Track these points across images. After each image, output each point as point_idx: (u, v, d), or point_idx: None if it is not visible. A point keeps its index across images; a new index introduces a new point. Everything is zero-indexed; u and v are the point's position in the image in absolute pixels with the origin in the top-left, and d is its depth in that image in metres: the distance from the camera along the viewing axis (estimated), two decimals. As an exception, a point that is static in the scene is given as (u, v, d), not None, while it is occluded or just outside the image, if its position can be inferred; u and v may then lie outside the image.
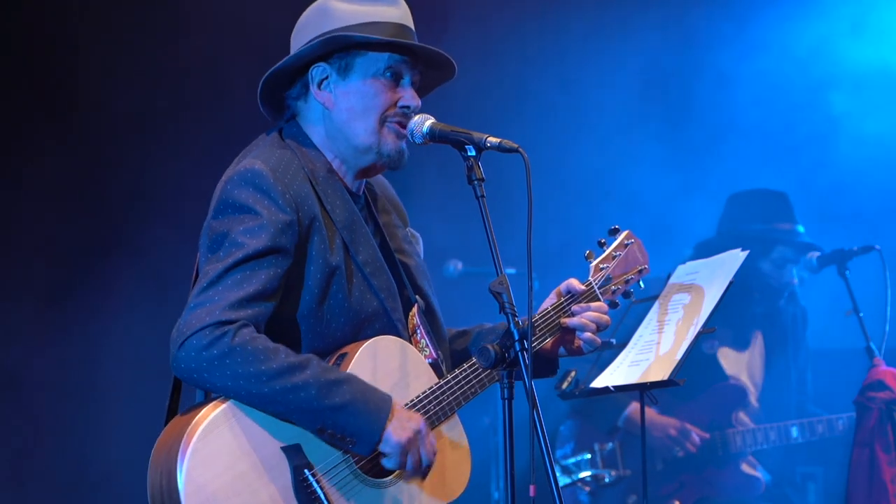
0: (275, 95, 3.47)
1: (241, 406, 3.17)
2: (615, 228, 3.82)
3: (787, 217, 6.45)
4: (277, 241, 3.22)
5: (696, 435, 6.11)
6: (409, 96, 3.40)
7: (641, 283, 3.81)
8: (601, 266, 3.74)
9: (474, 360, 3.45)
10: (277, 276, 3.22)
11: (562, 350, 3.64)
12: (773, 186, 6.60)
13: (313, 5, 3.46)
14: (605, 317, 3.61)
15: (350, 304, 3.33)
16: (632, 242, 3.81)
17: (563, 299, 3.63)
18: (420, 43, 3.42)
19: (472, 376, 3.45)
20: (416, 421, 3.28)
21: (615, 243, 3.80)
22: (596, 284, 3.70)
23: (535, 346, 3.54)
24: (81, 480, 6.26)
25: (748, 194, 6.57)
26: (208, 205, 3.34)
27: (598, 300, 3.68)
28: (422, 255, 3.65)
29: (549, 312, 3.60)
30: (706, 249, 6.32)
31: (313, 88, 3.41)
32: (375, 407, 3.22)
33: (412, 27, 3.44)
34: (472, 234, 3.86)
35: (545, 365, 3.68)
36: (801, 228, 6.45)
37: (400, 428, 3.23)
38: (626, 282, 3.77)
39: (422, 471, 3.30)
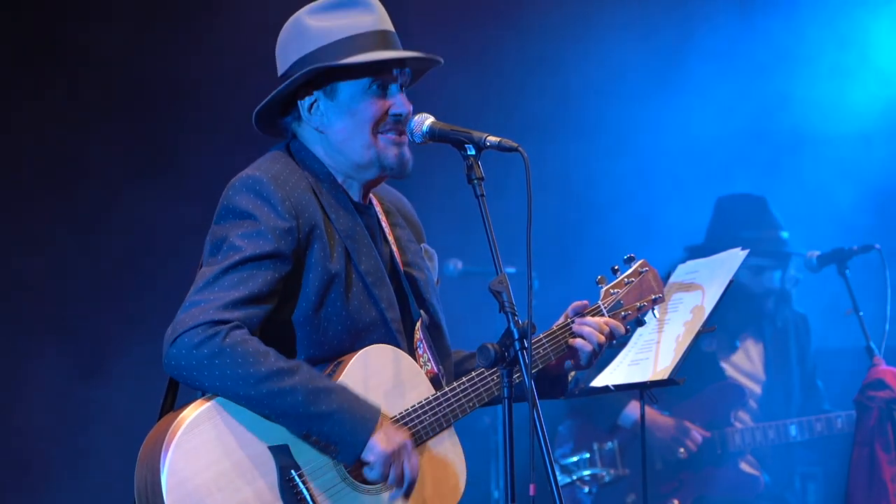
0: (271, 121, 3.47)
1: (229, 403, 3.17)
2: (630, 257, 3.77)
3: (764, 223, 6.40)
4: (275, 246, 3.22)
5: (696, 433, 6.11)
6: (398, 103, 3.39)
7: (656, 312, 3.77)
8: (612, 291, 3.70)
9: (474, 374, 3.44)
10: (274, 281, 3.22)
11: (567, 364, 3.61)
12: (764, 188, 6.58)
13: (289, 22, 3.43)
14: (603, 326, 3.57)
15: (348, 311, 3.32)
16: (646, 271, 3.76)
17: (570, 320, 3.61)
18: (399, 51, 3.39)
19: (470, 389, 3.43)
20: (403, 436, 3.27)
21: (629, 271, 3.75)
22: (605, 308, 3.66)
23: (539, 364, 3.53)
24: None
25: (730, 199, 6.54)
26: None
27: (604, 317, 3.64)
28: (436, 273, 3.63)
29: (555, 332, 3.58)
30: (697, 252, 6.33)
31: (304, 115, 3.41)
32: (362, 418, 3.21)
33: (390, 27, 3.42)
34: (472, 233, 3.85)
35: (553, 384, 3.65)
36: (784, 234, 6.41)
37: (385, 440, 3.22)
38: (639, 309, 3.71)
39: (404, 487, 3.28)
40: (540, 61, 7.46)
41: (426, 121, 3.34)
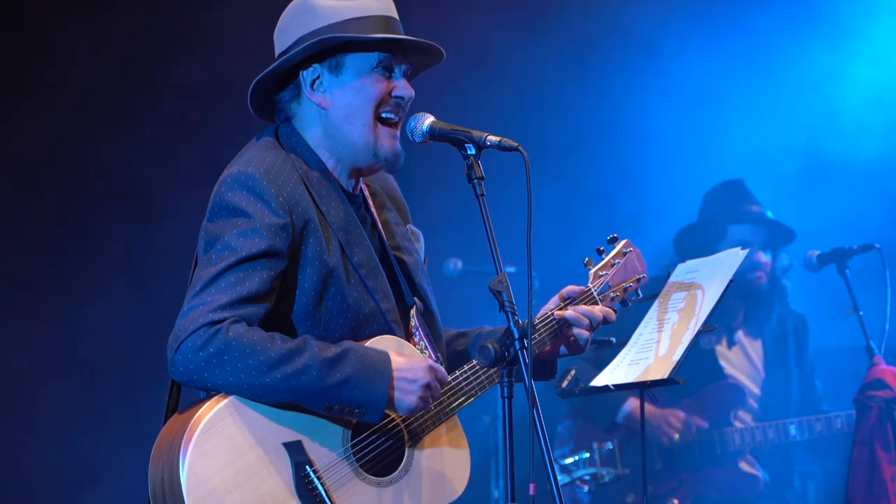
0: (267, 99, 3.46)
1: (243, 401, 3.18)
2: (614, 237, 3.80)
3: (745, 199, 6.41)
4: (271, 244, 3.22)
5: (695, 424, 6.11)
6: (402, 87, 3.40)
7: (639, 291, 3.80)
8: (600, 273, 3.73)
9: (474, 361, 3.45)
10: (270, 279, 3.22)
11: (562, 349, 3.63)
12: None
13: (294, 3, 3.43)
14: (597, 313, 3.59)
15: (348, 304, 3.33)
16: (630, 251, 3.80)
17: (563, 303, 3.64)
18: (407, 36, 3.41)
19: (472, 378, 3.45)
20: (420, 375, 3.27)
21: (614, 251, 3.78)
22: (595, 291, 3.69)
23: (535, 350, 3.53)
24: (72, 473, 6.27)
25: (716, 186, 6.55)
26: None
27: (597, 306, 3.67)
28: (423, 253, 3.65)
29: (548, 315, 3.59)
30: (681, 240, 6.34)
31: (306, 90, 3.40)
32: (377, 373, 3.22)
33: (396, 17, 3.43)
34: (472, 232, 3.86)
35: (544, 368, 3.68)
36: (769, 214, 6.41)
37: (406, 393, 3.24)
38: (625, 290, 3.76)
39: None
40: (545, 64, 7.46)
41: (426, 120, 3.34)
